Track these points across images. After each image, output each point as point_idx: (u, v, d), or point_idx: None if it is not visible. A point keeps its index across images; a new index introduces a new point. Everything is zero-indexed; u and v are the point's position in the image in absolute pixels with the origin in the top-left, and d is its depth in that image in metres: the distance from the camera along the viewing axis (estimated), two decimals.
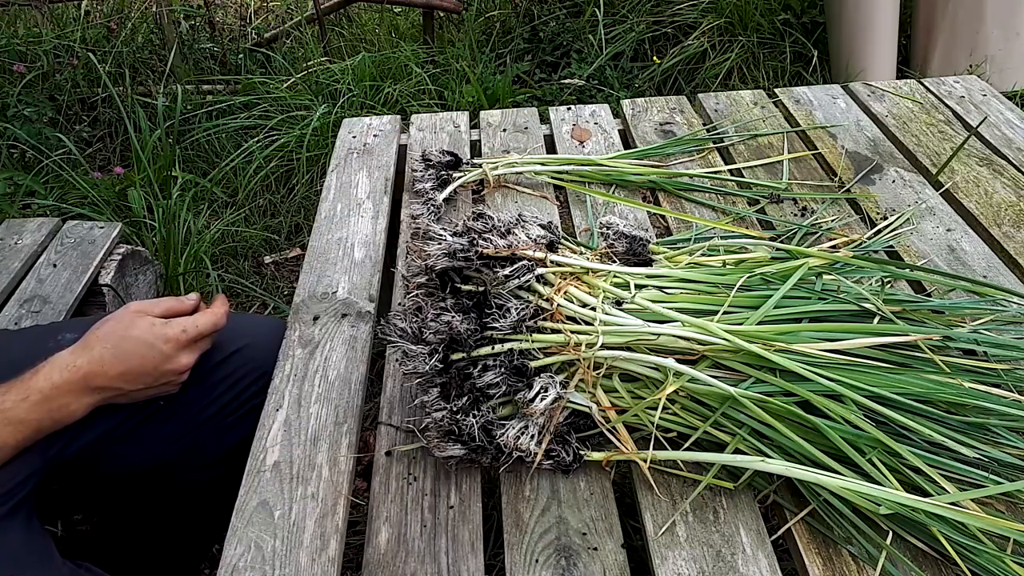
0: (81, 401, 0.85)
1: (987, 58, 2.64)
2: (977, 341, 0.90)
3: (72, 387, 0.84)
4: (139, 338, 0.87)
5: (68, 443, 0.89)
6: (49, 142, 2.51)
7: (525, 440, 0.81)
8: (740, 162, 1.34)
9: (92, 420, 0.88)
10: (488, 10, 3.24)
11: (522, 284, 0.82)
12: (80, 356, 0.85)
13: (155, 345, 0.88)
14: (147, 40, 3.07)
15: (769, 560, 0.76)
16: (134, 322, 0.88)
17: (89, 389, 0.85)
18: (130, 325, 0.88)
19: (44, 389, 0.82)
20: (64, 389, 0.83)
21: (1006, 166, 1.31)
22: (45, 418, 0.83)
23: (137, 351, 0.87)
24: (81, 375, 0.84)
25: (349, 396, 0.94)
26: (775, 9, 2.88)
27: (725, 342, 0.81)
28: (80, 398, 0.85)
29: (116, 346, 0.86)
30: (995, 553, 0.73)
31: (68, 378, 0.83)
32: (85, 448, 0.90)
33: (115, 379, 0.86)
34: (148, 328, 0.88)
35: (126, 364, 0.86)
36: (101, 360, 0.85)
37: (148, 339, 0.87)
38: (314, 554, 0.77)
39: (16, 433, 0.81)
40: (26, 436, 0.82)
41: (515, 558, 0.77)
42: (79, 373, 0.84)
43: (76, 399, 0.84)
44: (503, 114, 1.51)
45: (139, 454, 0.95)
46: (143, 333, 0.88)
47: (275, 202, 2.46)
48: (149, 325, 0.88)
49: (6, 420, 0.80)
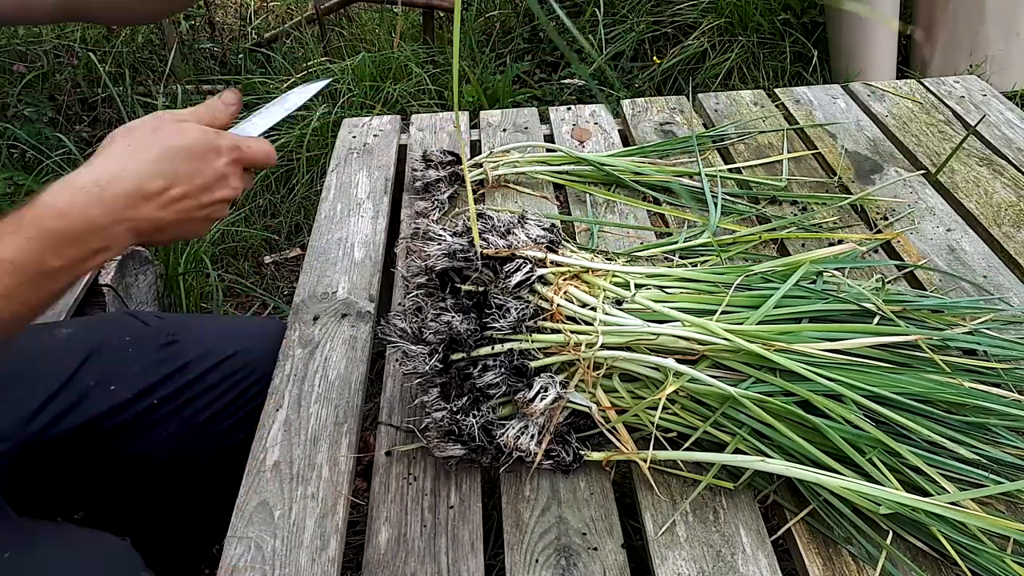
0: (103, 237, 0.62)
1: (987, 58, 2.63)
2: (977, 341, 0.90)
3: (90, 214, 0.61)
4: (190, 149, 0.66)
5: (52, 423, 0.87)
6: (49, 142, 2.51)
7: (525, 440, 0.81)
8: (740, 162, 1.34)
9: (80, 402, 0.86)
10: (488, 10, 3.24)
11: (522, 284, 0.82)
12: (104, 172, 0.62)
13: (210, 160, 0.67)
14: (147, 40, 3.06)
15: (769, 560, 0.76)
16: (181, 129, 0.66)
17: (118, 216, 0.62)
18: (177, 131, 0.66)
19: (43, 218, 0.59)
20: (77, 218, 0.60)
21: (1006, 166, 1.31)
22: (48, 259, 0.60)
23: (188, 164, 0.65)
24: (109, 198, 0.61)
25: (349, 396, 0.94)
26: (775, 9, 2.88)
27: (725, 342, 0.81)
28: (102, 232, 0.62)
29: (159, 158, 0.64)
30: (995, 553, 0.73)
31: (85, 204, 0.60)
32: (74, 432, 0.88)
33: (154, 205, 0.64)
34: (201, 137, 0.67)
35: (173, 182, 0.64)
36: (138, 175, 0.63)
37: (201, 148, 0.66)
38: (314, 554, 0.77)
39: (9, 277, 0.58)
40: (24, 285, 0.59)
41: (515, 558, 0.77)
42: (104, 195, 0.61)
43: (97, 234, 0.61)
44: (503, 114, 1.51)
45: (140, 449, 0.95)
46: (195, 142, 0.66)
47: (275, 202, 2.46)
48: (202, 133, 0.67)
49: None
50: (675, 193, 1.27)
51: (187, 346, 0.99)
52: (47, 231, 0.59)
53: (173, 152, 0.65)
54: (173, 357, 0.98)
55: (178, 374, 0.97)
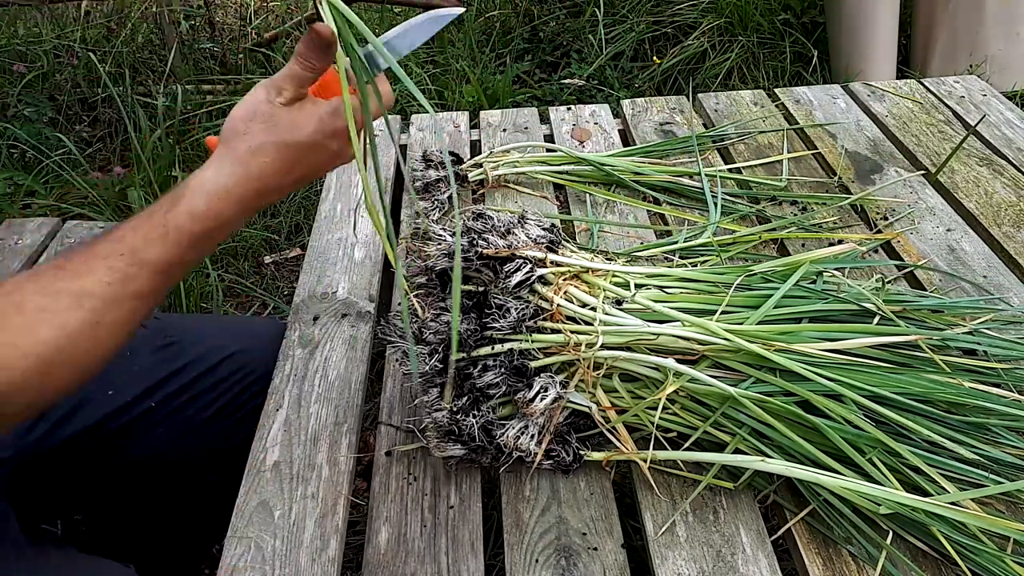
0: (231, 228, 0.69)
1: (987, 58, 2.63)
2: (977, 341, 0.90)
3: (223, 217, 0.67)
4: (306, 143, 0.69)
5: (52, 430, 0.87)
6: (49, 142, 2.51)
7: (525, 440, 0.81)
8: (740, 162, 1.34)
9: (80, 407, 0.87)
10: (488, 10, 3.24)
11: (522, 284, 0.82)
12: (230, 176, 0.67)
13: (325, 146, 0.71)
14: (147, 40, 3.06)
15: (769, 560, 0.76)
16: (295, 121, 0.69)
17: (243, 211, 0.69)
18: (293, 127, 0.69)
19: (185, 225, 0.66)
20: (213, 221, 0.67)
21: (1006, 166, 1.31)
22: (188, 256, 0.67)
23: (305, 158, 0.70)
24: (236, 199, 0.68)
25: (349, 396, 0.94)
26: (775, 9, 2.88)
27: (725, 342, 0.81)
28: (230, 225, 0.69)
29: (279, 158, 0.69)
30: (995, 553, 0.73)
31: (220, 208, 0.67)
32: (75, 437, 0.89)
33: (276, 193, 0.71)
34: (317, 128, 0.69)
35: (292, 176, 0.70)
36: (260, 176, 0.68)
37: (317, 140, 0.70)
38: (314, 554, 0.77)
39: (153, 278, 0.65)
40: (166, 279, 0.67)
41: (515, 558, 0.77)
42: (232, 199, 0.67)
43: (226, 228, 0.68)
44: (503, 114, 1.51)
45: (140, 451, 0.95)
46: (311, 135, 0.69)
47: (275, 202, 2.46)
48: (317, 123, 0.70)
49: (140, 263, 0.64)
50: (675, 193, 1.27)
51: (186, 347, 0.99)
52: (189, 235, 0.66)
53: (290, 150, 0.69)
54: (172, 358, 0.98)
55: (178, 375, 0.97)
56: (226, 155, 0.68)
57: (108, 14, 3.12)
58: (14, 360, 0.59)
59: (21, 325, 0.60)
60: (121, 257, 0.64)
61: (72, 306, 0.62)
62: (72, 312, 0.62)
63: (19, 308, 0.61)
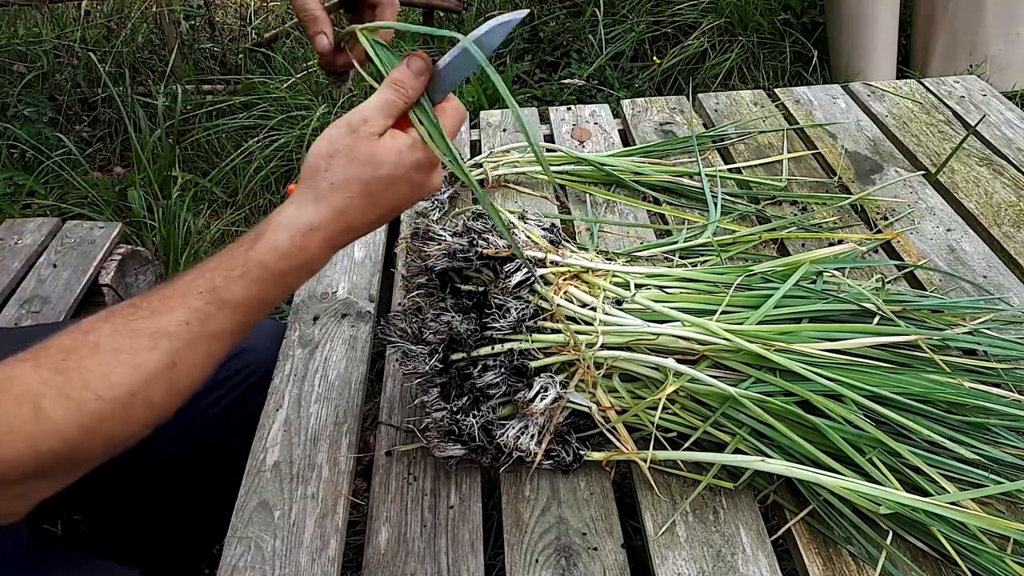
0: (316, 266, 0.68)
1: (987, 58, 2.63)
2: (977, 341, 0.90)
3: (307, 254, 0.66)
4: (389, 177, 0.68)
5: None
6: (49, 142, 2.51)
7: (525, 440, 0.81)
8: (740, 162, 1.34)
9: None
10: (488, 10, 3.24)
11: (522, 284, 0.82)
12: (314, 213, 0.66)
13: (410, 179, 0.69)
14: (147, 40, 3.06)
15: (769, 560, 0.76)
16: (374, 155, 0.67)
17: (328, 249, 0.68)
18: (373, 161, 0.67)
19: (268, 262, 0.64)
20: (296, 258, 0.65)
21: (1006, 166, 1.31)
22: (271, 294, 0.65)
23: (389, 194, 0.68)
24: (320, 238, 0.66)
25: (349, 396, 0.94)
26: (775, 9, 2.88)
27: (725, 342, 0.81)
28: (315, 263, 0.67)
29: (362, 193, 0.67)
30: (995, 553, 0.73)
31: (303, 244, 0.65)
32: None
33: (360, 231, 0.69)
34: (397, 161, 0.68)
35: (377, 211, 0.69)
36: (344, 213, 0.66)
37: (399, 174, 0.68)
38: (314, 554, 0.77)
39: (233, 317, 0.64)
40: (247, 319, 0.65)
41: (515, 558, 0.77)
42: (317, 237, 0.66)
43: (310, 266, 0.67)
44: (503, 114, 1.51)
45: (146, 450, 0.95)
46: (393, 169, 0.68)
47: (275, 202, 2.46)
48: (397, 156, 0.68)
49: (220, 302, 0.63)
50: (675, 193, 1.27)
51: None
52: (272, 272, 0.64)
53: (372, 185, 0.67)
54: None
55: None
56: (308, 192, 0.66)
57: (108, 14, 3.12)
58: (88, 404, 0.57)
59: (96, 367, 0.58)
60: (200, 295, 0.62)
61: (148, 346, 0.59)
62: (148, 353, 0.59)
63: (94, 348, 0.59)
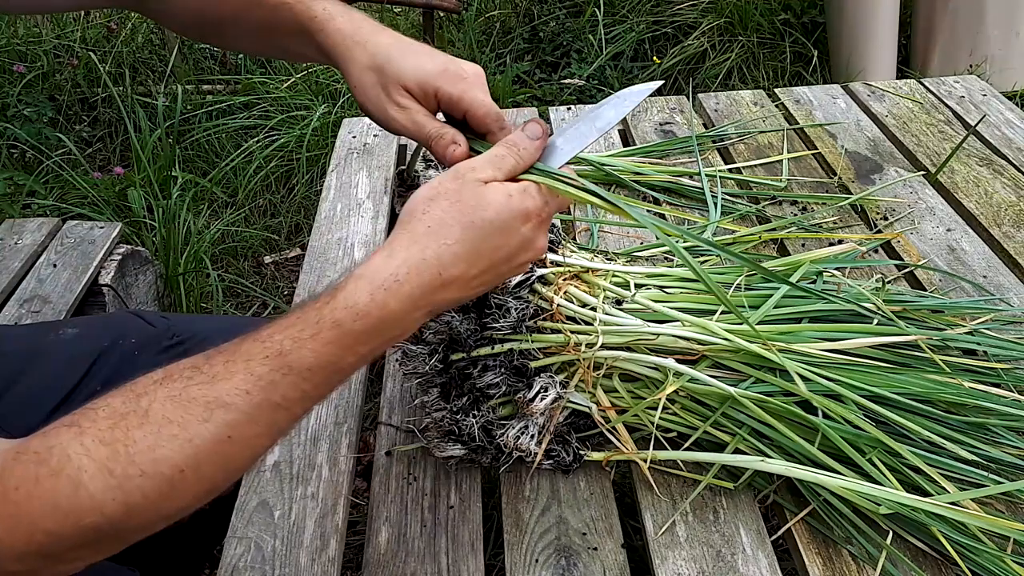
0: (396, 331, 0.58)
1: (987, 58, 2.63)
2: (977, 341, 0.90)
3: (387, 313, 0.56)
4: (493, 222, 0.60)
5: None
6: (49, 142, 2.51)
7: (525, 440, 0.81)
8: (740, 162, 1.34)
9: None
10: (488, 10, 3.24)
11: (522, 284, 0.82)
12: (403, 261, 0.57)
13: (514, 229, 0.61)
14: (147, 40, 3.06)
15: (769, 560, 0.76)
16: (482, 197, 0.60)
17: (413, 310, 0.58)
18: (477, 203, 0.60)
19: (342, 321, 0.55)
20: (375, 318, 0.56)
21: (1006, 166, 1.31)
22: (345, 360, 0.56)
23: (490, 242, 0.60)
24: (404, 294, 0.57)
25: (349, 396, 0.94)
26: (775, 9, 2.88)
27: (725, 342, 0.81)
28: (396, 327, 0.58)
29: (460, 240, 0.58)
30: (995, 553, 0.73)
31: (384, 301, 0.56)
32: None
33: (456, 287, 0.60)
34: (505, 207, 0.60)
35: (477, 265, 0.60)
36: (438, 263, 0.58)
37: (504, 220, 0.60)
38: (314, 554, 0.77)
39: (300, 385, 0.55)
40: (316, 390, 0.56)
41: (515, 558, 0.77)
42: (401, 292, 0.56)
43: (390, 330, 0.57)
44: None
45: None
46: (499, 215, 0.60)
47: (275, 202, 2.46)
48: (505, 199, 0.60)
49: (286, 368, 0.54)
50: (675, 193, 1.27)
51: (192, 347, 0.99)
52: (346, 333, 0.55)
53: (475, 231, 0.59)
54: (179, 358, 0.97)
55: None
56: (402, 236, 0.59)
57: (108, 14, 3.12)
58: (132, 480, 0.51)
59: (142, 439, 0.52)
60: (266, 360, 0.54)
61: (202, 418, 0.53)
62: (200, 426, 0.53)
63: (144, 417, 0.53)
